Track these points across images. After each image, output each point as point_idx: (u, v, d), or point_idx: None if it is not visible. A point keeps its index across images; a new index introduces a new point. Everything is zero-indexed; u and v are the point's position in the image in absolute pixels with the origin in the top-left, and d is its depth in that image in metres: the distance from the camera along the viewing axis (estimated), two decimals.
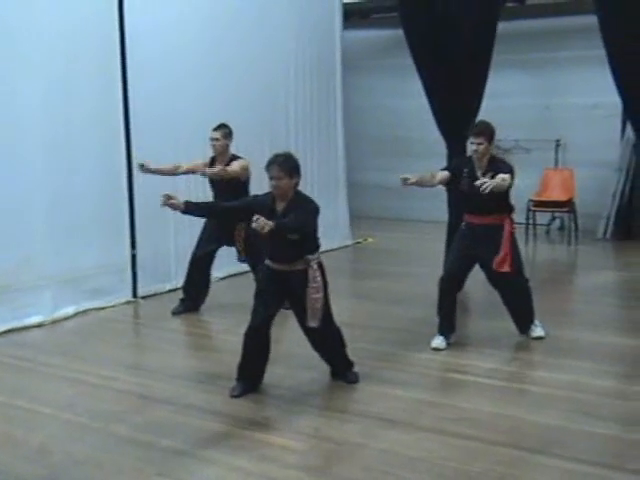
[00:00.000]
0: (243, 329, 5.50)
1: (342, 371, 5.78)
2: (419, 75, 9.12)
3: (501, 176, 6.01)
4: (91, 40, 7.69)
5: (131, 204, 8.13)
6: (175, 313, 7.63)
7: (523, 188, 11.79)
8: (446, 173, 6.49)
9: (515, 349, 6.57)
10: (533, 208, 11.63)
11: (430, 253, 6.16)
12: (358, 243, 11.63)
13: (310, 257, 5.36)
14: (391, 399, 5.44)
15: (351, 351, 5.85)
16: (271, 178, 5.30)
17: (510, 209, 6.48)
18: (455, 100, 8.78)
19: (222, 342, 7.00)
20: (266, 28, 9.88)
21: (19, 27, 7.06)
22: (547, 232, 12.28)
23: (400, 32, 9.26)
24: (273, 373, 5.68)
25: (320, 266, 5.42)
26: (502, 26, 9.04)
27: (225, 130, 7.43)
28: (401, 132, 13.32)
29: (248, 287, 6.10)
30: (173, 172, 7.55)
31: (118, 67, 7.93)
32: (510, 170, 6.21)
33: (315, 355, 5.75)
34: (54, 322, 7.38)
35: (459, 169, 6.45)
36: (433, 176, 6.47)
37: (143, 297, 8.22)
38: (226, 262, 8.27)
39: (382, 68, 13.44)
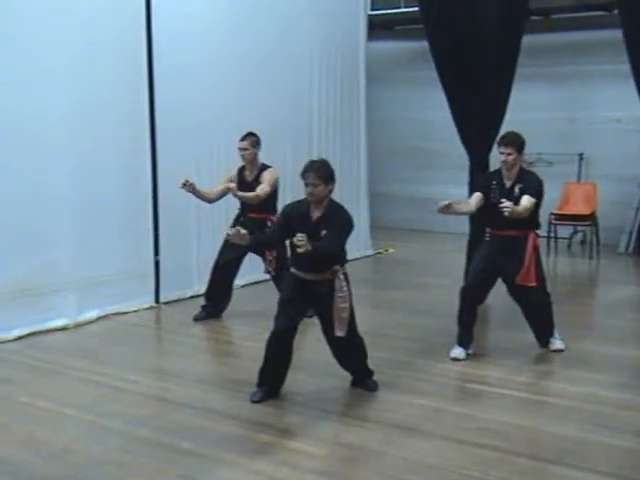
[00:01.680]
0: (265, 336, 5.55)
1: (362, 379, 5.80)
2: (443, 87, 9.15)
3: (523, 204, 6.01)
4: (119, 47, 7.81)
5: (155, 211, 8.23)
6: (197, 319, 7.69)
7: (545, 201, 11.86)
8: (479, 194, 6.40)
9: (534, 361, 6.59)
10: (555, 221, 11.63)
11: (450, 265, 6.20)
12: (379, 253, 11.67)
13: (337, 267, 5.39)
14: (410, 407, 5.49)
15: (371, 359, 5.89)
16: (307, 185, 5.30)
17: (537, 224, 6.44)
18: (478, 113, 8.80)
19: (244, 348, 7.06)
20: (292, 39, 9.98)
21: (46, 37, 7.17)
22: (569, 246, 12.27)
23: (424, 44, 9.31)
24: (295, 379, 5.73)
25: (346, 276, 5.45)
26: (526, 39, 9.07)
27: (253, 139, 7.44)
28: (423, 144, 13.38)
29: (270, 295, 6.18)
30: (209, 199, 7.53)
31: (145, 75, 8.04)
32: (539, 185, 6.21)
33: (336, 362, 5.79)
34: (77, 326, 7.48)
35: (487, 184, 6.41)
36: (468, 203, 6.45)
37: (165, 303, 8.30)
38: (248, 270, 8.32)
39: (406, 80, 13.50)
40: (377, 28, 13.04)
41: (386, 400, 5.62)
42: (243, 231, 5.39)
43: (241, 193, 7.30)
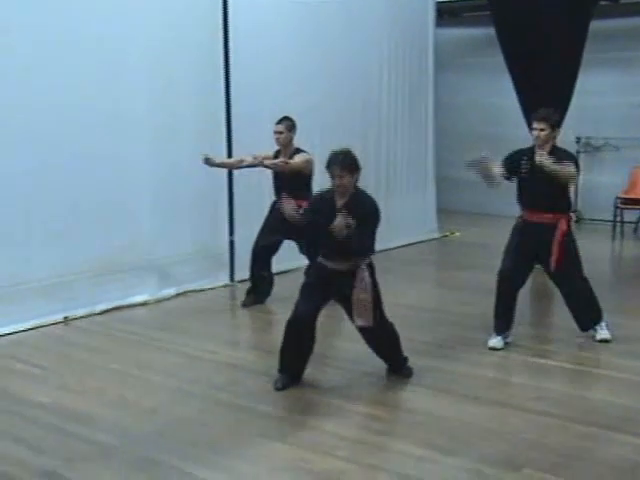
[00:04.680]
0: (335, 312, 5.82)
1: (395, 366, 5.82)
2: (510, 72, 9.32)
3: (566, 167, 5.90)
4: (196, 36, 8.19)
5: (230, 192, 8.60)
6: (245, 305, 7.80)
7: (611, 185, 11.99)
8: (501, 169, 6.29)
9: (593, 336, 6.68)
10: (621, 205, 11.72)
11: None
12: (445, 236, 11.92)
13: (362, 258, 5.41)
14: (473, 378, 5.78)
15: (434, 335, 6.17)
16: (333, 177, 5.33)
17: (569, 206, 6.38)
18: (545, 98, 8.93)
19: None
20: (361, 27, 10.24)
21: (124, 30, 7.56)
22: (635, 230, 12.30)
23: (491, 31, 9.50)
24: (366, 352, 5.89)
25: (370, 266, 5.44)
26: (594, 24, 9.21)
27: (288, 123, 7.50)
28: (490, 129, 13.48)
29: None
30: (237, 166, 7.76)
31: (221, 62, 8.40)
32: (573, 160, 6.09)
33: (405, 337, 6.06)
34: (157, 301, 7.91)
35: (517, 159, 6.28)
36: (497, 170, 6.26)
37: (240, 281, 8.64)
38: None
39: (472, 66, 13.66)
40: (444, 15, 13.21)
41: (452, 371, 5.91)
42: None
43: (269, 161, 7.38)
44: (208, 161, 7.50)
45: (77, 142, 7.21)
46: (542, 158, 5.75)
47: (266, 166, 7.44)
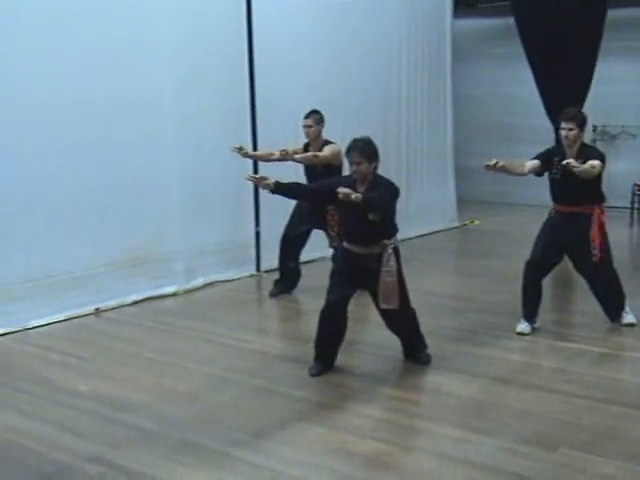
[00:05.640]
0: (364, 301, 5.92)
1: (415, 351, 5.90)
2: (529, 61, 9.41)
3: (590, 162, 6.01)
4: (221, 26, 8.31)
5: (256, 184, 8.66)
6: (272, 295, 7.87)
7: (628, 173, 12.06)
8: (537, 162, 6.41)
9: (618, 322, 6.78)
10: (638, 192, 11.79)
11: (531, 236, 6.50)
12: (464, 225, 12.01)
13: (387, 242, 5.47)
14: (505, 362, 5.90)
15: (461, 321, 6.26)
16: (351, 163, 5.43)
17: (601, 198, 6.47)
18: (564, 86, 9.04)
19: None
20: (379, 18, 10.31)
21: (154, 20, 7.70)
22: None
23: (508, 21, 9.63)
24: (394, 338, 5.98)
25: (395, 250, 5.52)
26: (611, 13, 9.28)
27: (316, 116, 7.59)
28: (508, 119, 13.58)
29: None
30: (267, 159, 7.78)
31: (245, 53, 8.51)
32: (600, 157, 6.20)
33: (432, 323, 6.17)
34: (186, 292, 8.03)
35: (550, 158, 6.39)
36: (523, 165, 6.44)
37: (266, 271, 8.75)
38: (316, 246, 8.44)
39: (489, 56, 13.73)
40: (461, 5, 13.28)
41: (482, 356, 6.01)
42: (264, 176, 5.60)
43: (299, 155, 7.46)
44: (241, 151, 7.56)
45: (108, 135, 7.35)
46: (570, 164, 5.85)
47: (296, 160, 7.51)
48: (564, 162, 5.91)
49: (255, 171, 8.57)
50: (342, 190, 5.15)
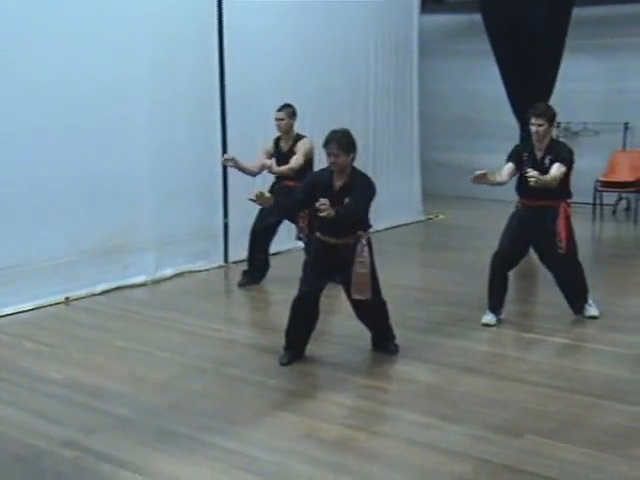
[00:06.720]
0: (335, 292, 6.02)
1: (384, 342, 5.99)
2: (495, 57, 9.55)
3: (552, 174, 6.12)
4: (192, 16, 8.36)
5: (224, 176, 8.77)
6: (240, 285, 7.94)
7: (590, 169, 12.24)
8: (511, 165, 6.47)
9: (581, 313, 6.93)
10: (600, 188, 12.00)
11: (497, 230, 6.64)
12: (429, 219, 12.14)
13: (361, 233, 5.54)
14: (471, 352, 6.03)
15: (428, 313, 6.40)
16: (329, 155, 5.43)
17: (568, 194, 6.54)
18: (530, 82, 9.22)
19: None
20: (347, 12, 10.37)
21: (126, 10, 7.72)
22: (613, 212, 12.58)
23: (474, 17, 9.74)
24: (363, 328, 6.09)
25: (369, 242, 5.59)
26: (575, 11, 9.46)
27: (289, 110, 7.63)
28: (473, 114, 13.69)
29: None
30: (254, 173, 7.74)
31: (215, 44, 8.55)
32: (569, 155, 6.31)
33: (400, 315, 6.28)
34: (155, 282, 8.08)
35: (519, 155, 6.48)
36: (500, 174, 6.49)
37: (234, 262, 8.81)
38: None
39: (456, 52, 13.78)
40: (428, 1, 13.37)
41: (450, 346, 6.14)
42: (267, 194, 5.62)
43: (276, 169, 7.54)
44: (232, 161, 7.51)
45: (78, 125, 7.35)
46: (533, 180, 5.93)
47: (274, 173, 7.60)
48: (526, 175, 6.01)
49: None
50: (319, 207, 5.18)
